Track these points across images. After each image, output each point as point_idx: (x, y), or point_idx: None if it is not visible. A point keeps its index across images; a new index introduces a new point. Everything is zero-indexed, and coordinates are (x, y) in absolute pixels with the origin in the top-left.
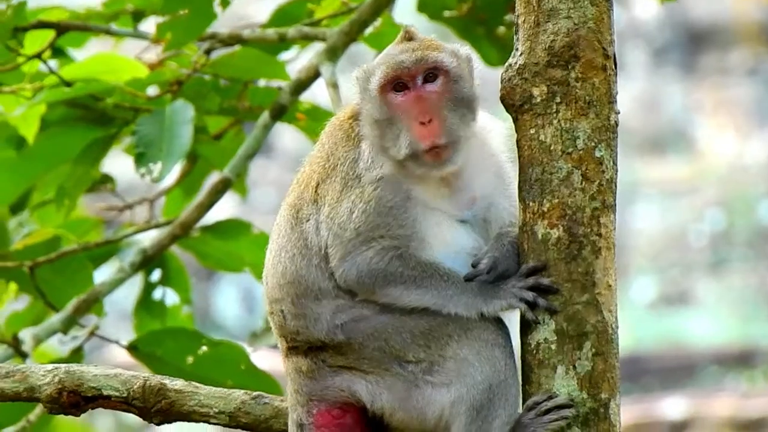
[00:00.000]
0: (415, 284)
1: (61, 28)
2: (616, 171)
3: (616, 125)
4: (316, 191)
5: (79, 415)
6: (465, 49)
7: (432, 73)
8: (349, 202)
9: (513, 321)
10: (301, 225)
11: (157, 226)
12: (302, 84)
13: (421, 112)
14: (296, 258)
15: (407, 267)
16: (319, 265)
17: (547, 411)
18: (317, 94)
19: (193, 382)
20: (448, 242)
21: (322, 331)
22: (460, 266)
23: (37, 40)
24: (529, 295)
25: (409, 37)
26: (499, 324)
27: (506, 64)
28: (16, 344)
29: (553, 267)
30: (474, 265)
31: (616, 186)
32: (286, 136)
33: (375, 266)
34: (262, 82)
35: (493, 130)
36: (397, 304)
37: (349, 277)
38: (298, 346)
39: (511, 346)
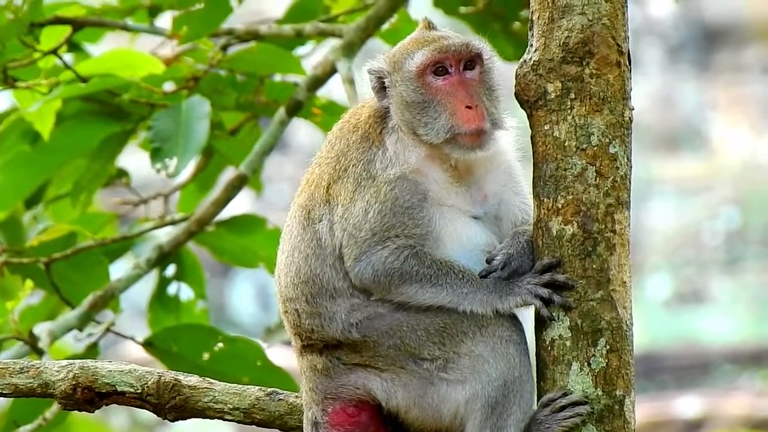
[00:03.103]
0: (430, 282)
1: (77, 24)
2: (630, 167)
3: (631, 122)
4: (327, 191)
5: (93, 411)
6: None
7: (472, 60)
8: (364, 201)
9: (527, 317)
10: (314, 225)
11: (173, 222)
12: (318, 80)
13: (467, 96)
14: (310, 258)
15: (422, 265)
16: (334, 265)
17: (562, 408)
18: (333, 90)
19: (208, 379)
20: (462, 239)
21: (337, 329)
22: (474, 263)
23: (53, 36)
24: (545, 292)
25: (432, 28)
26: (514, 321)
27: (521, 60)
28: (32, 341)
29: (568, 263)
30: (488, 261)
31: (630, 182)
32: (302, 132)
33: (390, 265)
34: (278, 78)
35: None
36: (413, 303)
37: (365, 276)
38: (312, 344)
39: (526, 342)
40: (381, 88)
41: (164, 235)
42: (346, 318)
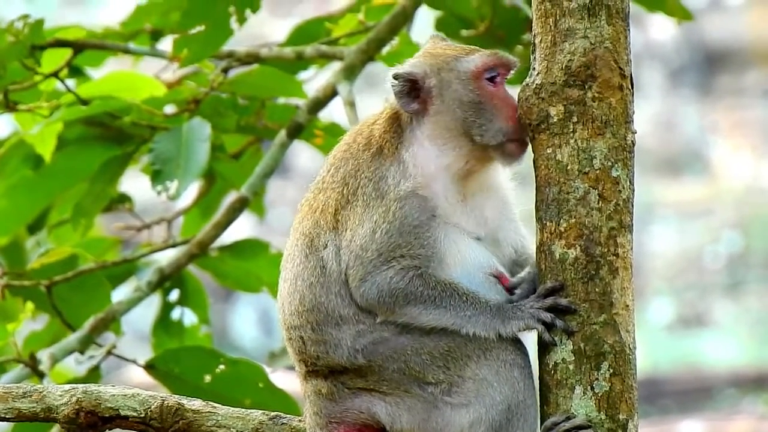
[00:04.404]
0: (434, 304)
1: (78, 47)
2: (633, 191)
3: (633, 145)
4: (335, 218)
5: None
6: None
7: (507, 76)
8: (372, 222)
9: (531, 341)
10: (318, 253)
11: (174, 245)
12: (320, 102)
13: (516, 106)
14: (314, 286)
15: (427, 287)
16: (339, 293)
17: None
18: (333, 113)
19: (211, 402)
20: (466, 260)
21: (342, 356)
22: (477, 284)
23: (54, 59)
24: (547, 316)
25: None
26: (518, 344)
27: (523, 83)
28: (33, 364)
29: (571, 287)
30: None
31: (632, 206)
32: (303, 155)
33: (395, 285)
34: (280, 101)
35: None
36: (416, 324)
37: (370, 297)
38: (317, 370)
39: (530, 366)
40: (410, 93)
41: (166, 258)
42: (352, 344)
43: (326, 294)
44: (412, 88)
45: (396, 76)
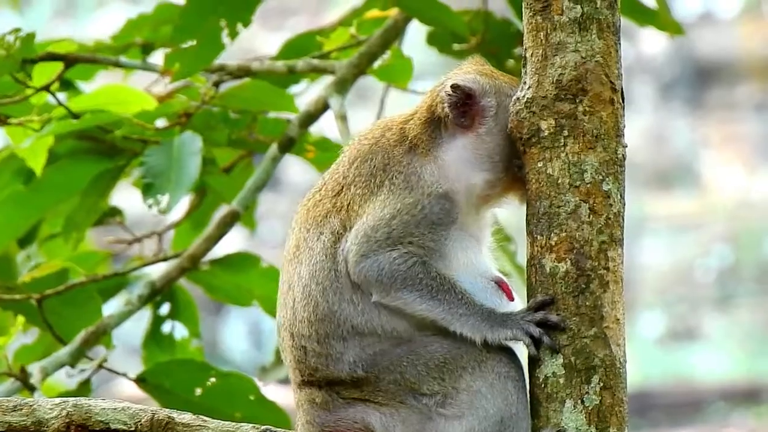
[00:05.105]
0: (430, 294)
1: (69, 61)
2: (624, 205)
3: (624, 159)
4: (359, 211)
5: None
6: None
7: None
8: (393, 209)
9: (523, 353)
10: (337, 256)
11: (165, 258)
12: (311, 116)
13: None
14: (328, 292)
15: (427, 276)
16: (352, 300)
17: None
18: (324, 127)
19: (201, 416)
20: (471, 264)
21: (343, 370)
22: (477, 289)
23: (45, 72)
24: (536, 331)
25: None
26: (512, 357)
27: (514, 97)
28: (23, 377)
29: (561, 300)
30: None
31: (623, 220)
32: (295, 169)
33: (397, 267)
34: (271, 115)
35: None
36: (406, 310)
37: (369, 274)
38: (312, 381)
39: (524, 379)
40: (462, 105)
41: (157, 272)
42: (355, 360)
43: (339, 301)
44: (464, 102)
45: (455, 87)
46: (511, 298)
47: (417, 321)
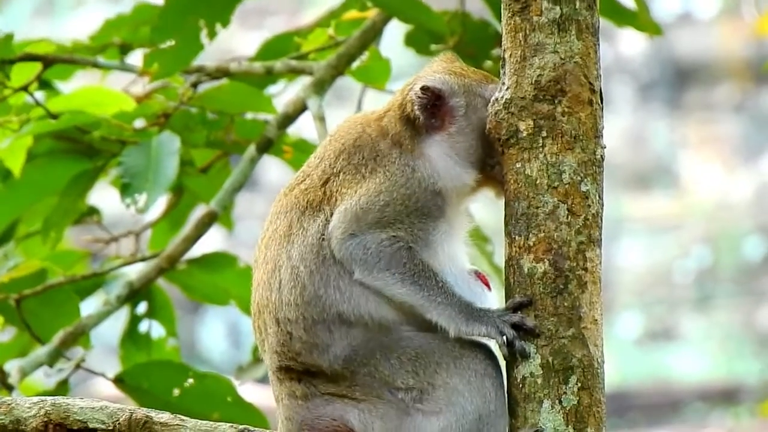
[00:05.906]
0: (411, 279)
1: (47, 61)
2: (602, 205)
3: (602, 160)
4: (342, 194)
5: None
6: None
7: None
8: (389, 197)
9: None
10: (324, 234)
11: (143, 259)
12: (289, 117)
13: None
14: (314, 275)
15: (411, 261)
16: (338, 286)
17: None
18: (302, 127)
19: (179, 415)
20: (453, 258)
21: (325, 360)
22: (460, 282)
23: (23, 73)
24: (510, 333)
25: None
26: (490, 355)
27: (492, 98)
28: (1, 377)
29: (539, 301)
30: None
31: (601, 220)
32: (272, 170)
33: (383, 248)
34: (249, 116)
35: None
36: (385, 292)
37: (354, 252)
38: (291, 367)
39: (502, 377)
40: (431, 106)
41: (135, 272)
42: (339, 352)
43: (324, 287)
44: (434, 103)
45: (425, 89)
46: (489, 289)
47: (399, 310)
